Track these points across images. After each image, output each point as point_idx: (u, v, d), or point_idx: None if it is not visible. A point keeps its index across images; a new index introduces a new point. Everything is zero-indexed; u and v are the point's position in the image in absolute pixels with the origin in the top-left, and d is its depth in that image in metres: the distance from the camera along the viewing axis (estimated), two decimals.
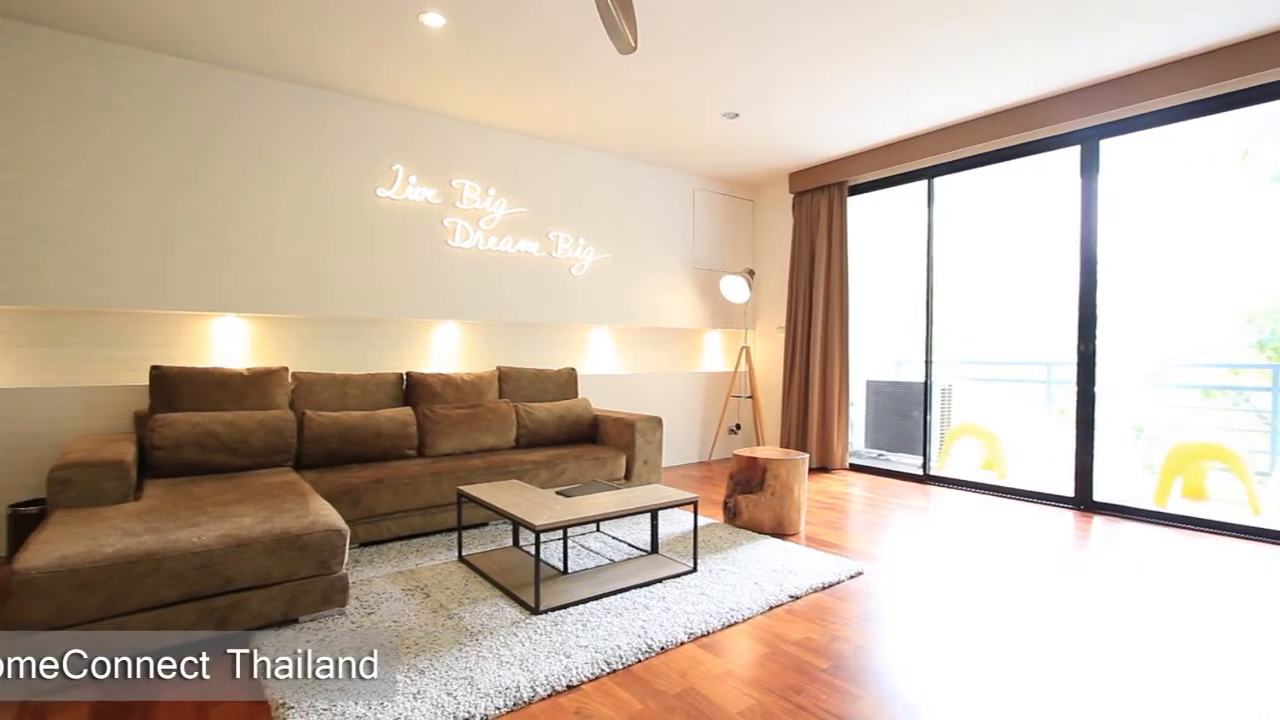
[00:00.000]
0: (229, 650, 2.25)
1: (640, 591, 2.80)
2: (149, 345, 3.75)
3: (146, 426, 3.26)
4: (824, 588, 2.92)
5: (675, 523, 3.92)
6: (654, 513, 3.24)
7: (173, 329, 3.84)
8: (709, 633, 2.46)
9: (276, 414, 3.54)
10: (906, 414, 5.89)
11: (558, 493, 3.20)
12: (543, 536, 3.31)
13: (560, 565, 3.10)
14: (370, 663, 2.11)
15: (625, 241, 5.69)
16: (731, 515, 3.90)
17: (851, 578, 3.05)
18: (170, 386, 3.41)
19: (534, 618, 2.53)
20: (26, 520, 3.11)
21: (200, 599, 2.22)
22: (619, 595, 2.76)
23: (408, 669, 2.12)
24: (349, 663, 2.14)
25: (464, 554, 3.27)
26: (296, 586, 2.40)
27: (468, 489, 3.19)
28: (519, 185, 5.03)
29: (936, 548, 3.59)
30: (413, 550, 3.39)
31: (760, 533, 3.72)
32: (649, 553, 3.31)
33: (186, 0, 3.15)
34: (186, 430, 3.25)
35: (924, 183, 5.28)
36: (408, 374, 4.28)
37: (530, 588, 2.76)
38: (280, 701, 1.93)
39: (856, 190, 5.74)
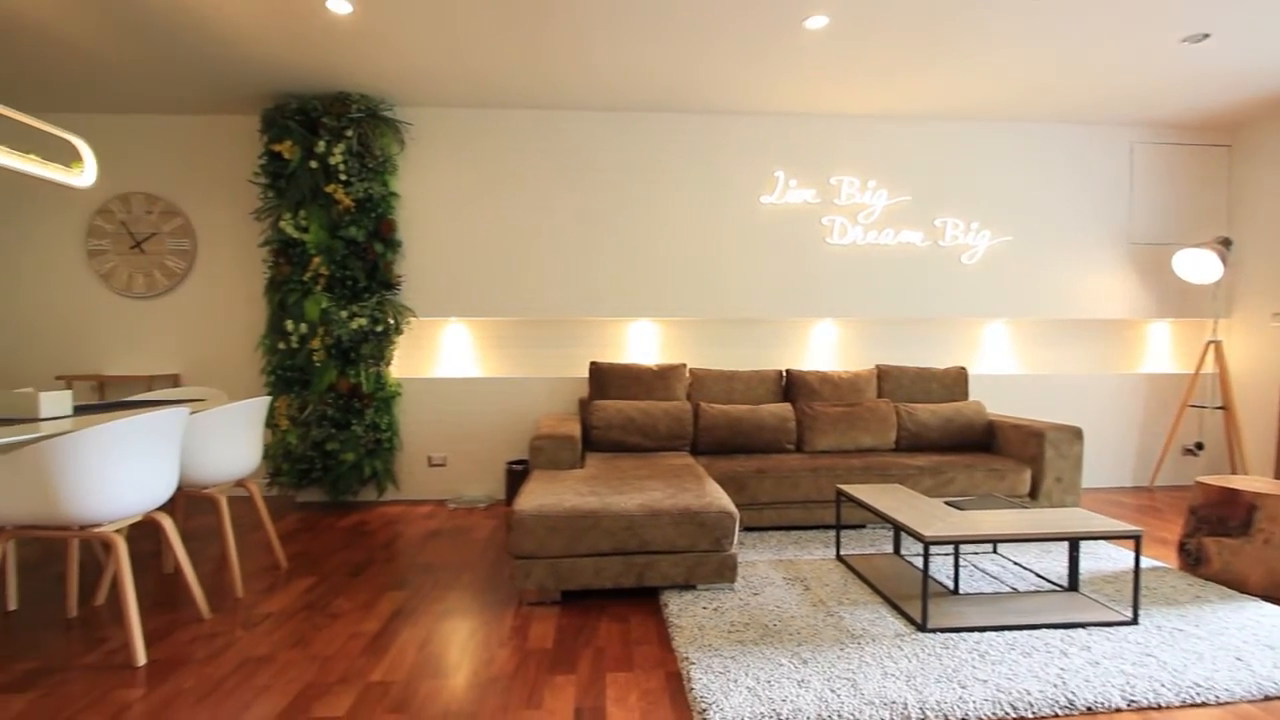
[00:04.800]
0: (646, 599, 2.71)
1: (1054, 633, 2.38)
2: (588, 344, 4.72)
3: (587, 410, 4.10)
4: None
5: (1100, 558, 3.22)
6: (1074, 542, 2.71)
7: (605, 331, 4.74)
8: (1161, 707, 1.94)
9: (678, 404, 4.08)
10: None
11: (946, 503, 2.93)
12: (931, 549, 3.07)
13: (949, 584, 2.84)
14: (756, 641, 2.27)
15: (1030, 220, 4.87)
16: (1193, 562, 3.00)
17: None
18: (603, 378, 4.22)
19: (920, 634, 2.37)
20: (515, 475, 4.23)
21: (625, 554, 2.70)
22: (1026, 631, 2.39)
23: (791, 656, 2.21)
24: (740, 635, 2.35)
25: (841, 553, 3.25)
26: (695, 558, 2.73)
27: (847, 488, 3.15)
28: (900, 173, 4.76)
29: None
30: (791, 541, 3.51)
31: (1242, 591, 2.78)
32: (1065, 589, 2.79)
33: (620, 71, 3.85)
34: (614, 414, 3.98)
35: None
36: (787, 371, 4.45)
37: (915, 601, 2.60)
38: (684, 655, 2.21)
39: None
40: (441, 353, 4.68)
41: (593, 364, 4.28)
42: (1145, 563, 3.16)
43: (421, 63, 3.83)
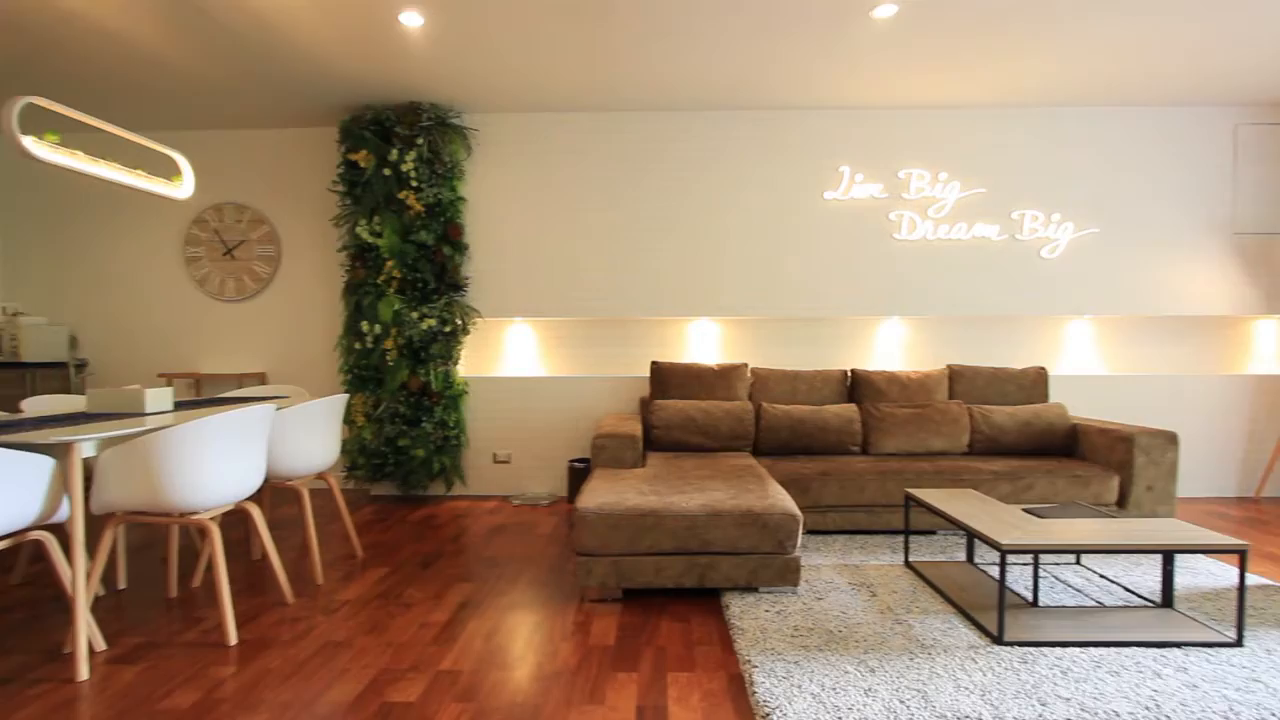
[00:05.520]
0: (707, 600, 2.70)
1: (1146, 652, 2.23)
2: (649, 344, 4.74)
3: (648, 409, 4.11)
4: None
5: (1198, 573, 2.99)
6: (1169, 554, 2.53)
7: (666, 331, 4.75)
8: None
9: (739, 404, 4.04)
10: None
11: (1024, 510, 2.79)
12: (1008, 558, 2.92)
13: (1028, 595, 2.70)
14: (820, 647, 2.22)
15: (1118, 211, 4.57)
16: None
17: None
18: (664, 378, 4.22)
19: (996, 647, 2.27)
20: (577, 473, 4.29)
21: (687, 554, 2.70)
22: (1113, 649, 2.25)
23: (857, 663, 2.15)
24: (804, 640, 2.31)
25: (910, 560, 3.15)
26: (758, 560, 2.70)
27: (916, 493, 3.05)
28: (974, 165, 4.55)
29: None
30: (856, 546, 3.42)
31: None
32: (1157, 605, 2.60)
33: (681, 70, 3.84)
34: (675, 414, 3.98)
35: None
36: (852, 371, 4.34)
37: (990, 612, 2.49)
38: (746, 658, 2.19)
39: None
40: (506, 352, 4.79)
41: (654, 363, 4.30)
42: (1251, 579, 2.91)
43: (487, 70, 3.93)
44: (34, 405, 2.96)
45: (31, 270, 5.02)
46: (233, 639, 2.36)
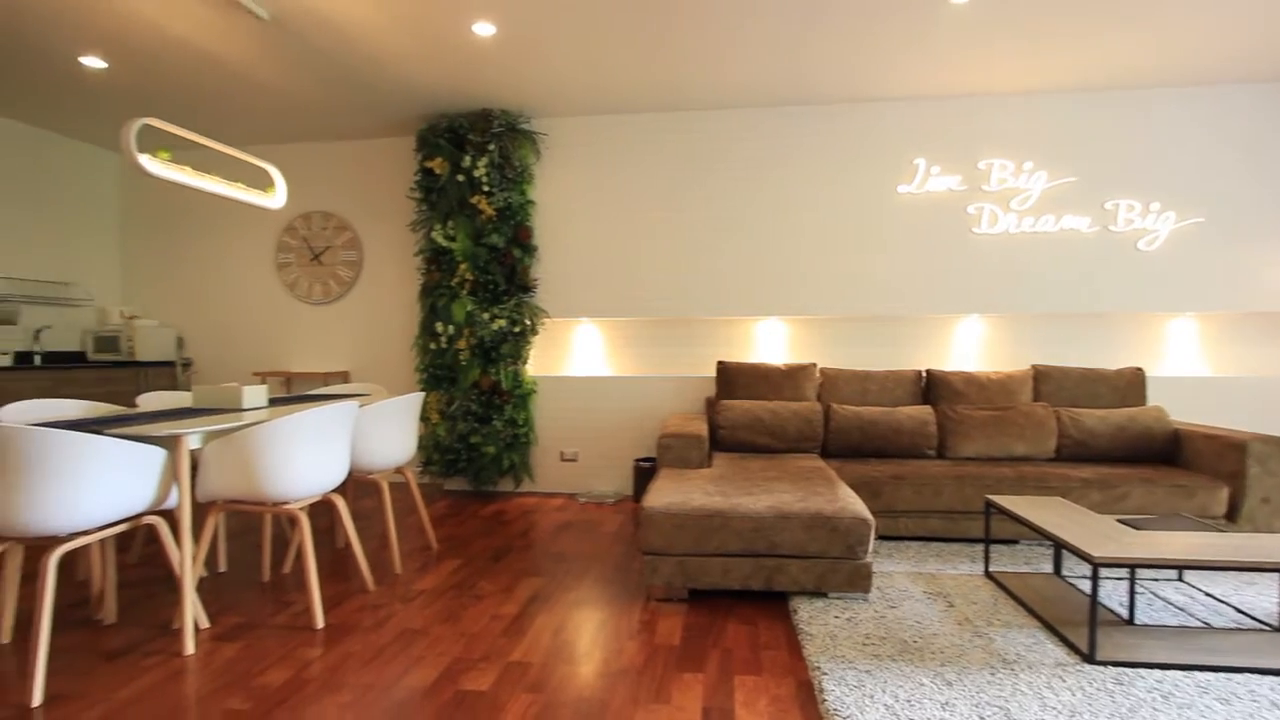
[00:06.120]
0: (774, 603, 2.66)
1: (1262, 680, 2.04)
2: (715, 343, 4.71)
3: (714, 409, 4.09)
4: None
5: None
6: None
7: (732, 330, 4.71)
8: None
9: (807, 405, 3.96)
10: None
11: (1118, 521, 2.61)
12: (1100, 571, 2.74)
13: (1122, 612, 2.53)
14: (894, 657, 2.15)
15: (1225, 199, 4.20)
16: None
17: None
18: (730, 377, 4.19)
19: (1086, 666, 2.13)
20: (643, 473, 4.31)
21: (753, 556, 2.67)
22: (1223, 674, 2.07)
23: (934, 676, 2.07)
24: (876, 649, 2.24)
25: (990, 569, 3.00)
26: (827, 564, 2.64)
27: (998, 499, 2.90)
28: (1062, 153, 4.29)
29: None
30: (931, 553, 3.29)
31: None
32: (1275, 629, 2.38)
33: (748, 67, 3.80)
34: (741, 414, 3.94)
35: None
36: (927, 372, 4.17)
37: (1080, 628, 2.34)
38: (816, 664, 2.15)
39: None
40: (573, 352, 4.87)
41: (720, 363, 4.27)
42: None
43: (556, 75, 4.01)
44: (147, 400, 3.23)
45: (145, 276, 5.47)
46: (319, 623, 2.50)
